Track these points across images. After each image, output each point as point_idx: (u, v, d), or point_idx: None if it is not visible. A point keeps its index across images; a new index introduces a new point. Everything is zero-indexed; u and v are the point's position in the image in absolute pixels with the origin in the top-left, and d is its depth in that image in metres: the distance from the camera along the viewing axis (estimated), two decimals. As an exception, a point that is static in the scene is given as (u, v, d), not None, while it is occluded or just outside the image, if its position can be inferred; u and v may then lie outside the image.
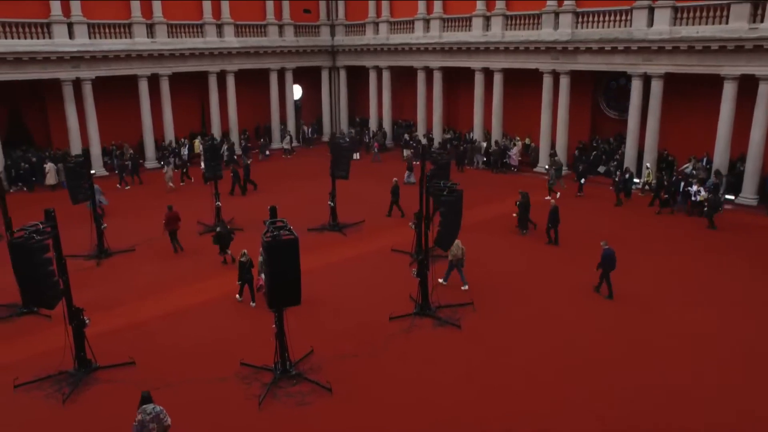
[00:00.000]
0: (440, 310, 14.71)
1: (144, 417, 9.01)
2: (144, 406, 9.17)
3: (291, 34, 36.76)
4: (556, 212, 19.06)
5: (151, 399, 9.50)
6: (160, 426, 9.05)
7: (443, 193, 13.52)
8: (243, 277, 15.13)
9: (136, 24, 30.47)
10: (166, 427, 9.13)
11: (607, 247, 15.22)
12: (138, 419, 9.02)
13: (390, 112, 37.04)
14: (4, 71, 26.88)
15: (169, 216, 18.92)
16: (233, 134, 35.53)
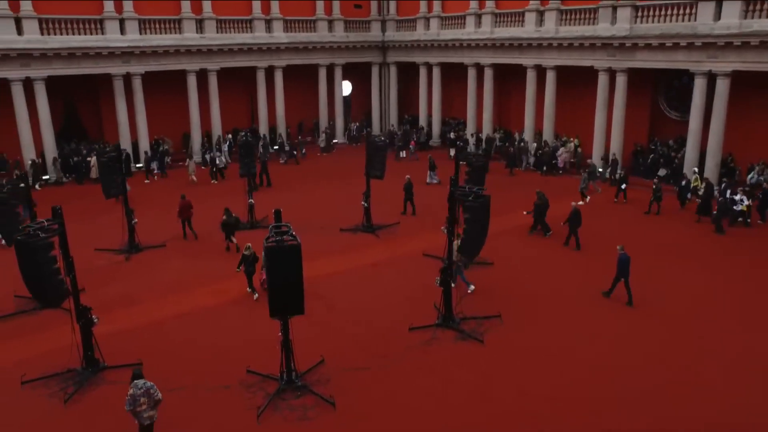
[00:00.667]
0: (465, 322, 13.82)
1: (135, 391, 9.29)
2: (135, 381, 9.37)
3: (341, 29, 36.33)
4: (577, 215, 18.25)
5: (142, 375, 9.55)
6: (151, 400, 9.36)
7: (468, 198, 12.62)
8: (246, 269, 15.23)
9: (185, 20, 30.72)
10: (156, 401, 9.43)
11: (623, 252, 14.53)
12: (129, 393, 9.30)
13: (440, 110, 36.09)
14: (58, 66, 27.60)
15: (182, 205, 19.38)
16: (281, 130, 35.46)
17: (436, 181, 26.42)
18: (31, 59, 26.75)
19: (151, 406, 9.38)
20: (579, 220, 18.27)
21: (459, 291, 15.09)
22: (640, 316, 14.17)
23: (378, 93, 39.19)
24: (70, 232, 20.33)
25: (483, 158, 17.42)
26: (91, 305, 14.85)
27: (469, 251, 13.00)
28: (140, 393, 9.29)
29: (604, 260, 16.41)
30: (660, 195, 21.77)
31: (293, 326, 13.27)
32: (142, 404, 9.30)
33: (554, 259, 17.93)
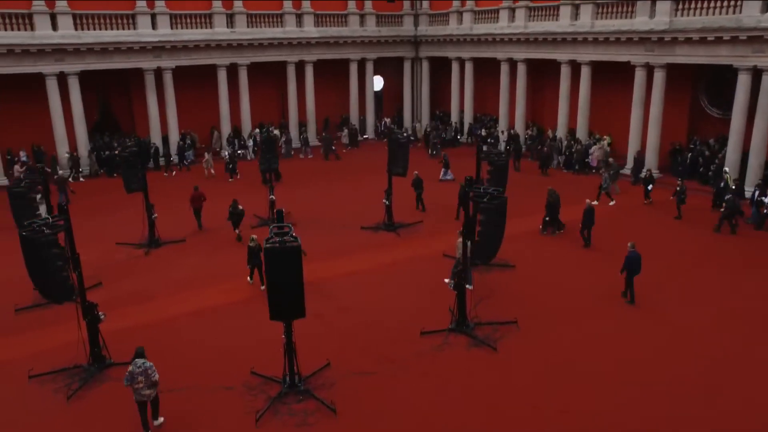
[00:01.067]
0: (479, 328, 13.31)
1: (134, 369, 9.83)
2: (135, 360, 9.91)
3: (372, 23, 35.93)
4: (590, 213, 17.84)
5: (144, 355, 10.03)
6: (148, 380, 9.83)
7: (483, 199, 12.10)
8: (251, 261, 15.40)
9: (216, 14, 30.80)
10: (153, 382, 9.90)
11: (633, 249, 14.23)
12: (129, 370, 9.86)
13: (472, 106, 35.33)
14: (91, 61, 28.01)
15: (193, 195, 20.34)
16: (310, 125, 35.34)
17: (450, 178, 26.11)
18: (66, 54, 27.21)
19: (148, 385, 9.84)
20: (592, 218, 17.85)
21: (475, 294, 14.59)
22: (660, 324, 13.45)
23: (410, 88, 38.67)
24: (97, 225, 20.84)
25: (505, 157, 16.77)
26: (105, 300, 15.04)
27: (483, 255, 12.48)
28: (138, 372, 9.77)
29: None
30: (683, 197, 20.64)
31: (303, 327, 13.08)
32: (139, 382, 9.78)
33: (574, 261, 17.25)
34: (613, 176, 23.58)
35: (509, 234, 18.89)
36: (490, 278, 16.09)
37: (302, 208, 22.27)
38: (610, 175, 23.23)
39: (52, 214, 11.34)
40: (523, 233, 19.28)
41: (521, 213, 20.28)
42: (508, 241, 18.20)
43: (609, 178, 22.84)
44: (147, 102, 30.19)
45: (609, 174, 23.07)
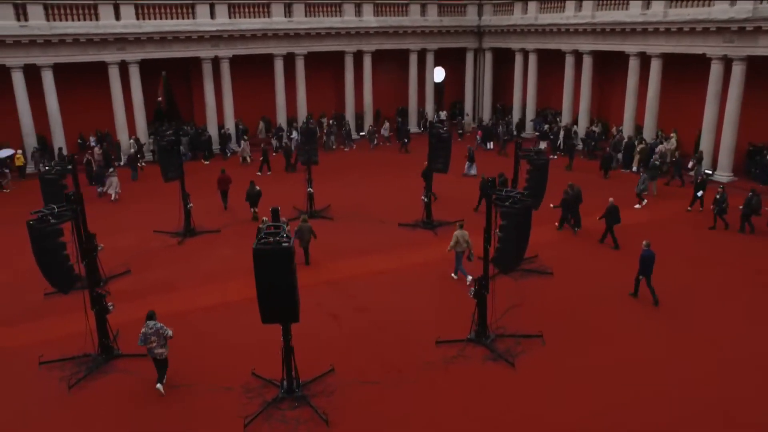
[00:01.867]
0: (501, 340, 12.39)
1: (146, 330, 10.60)
2: (147, 322, 10.64)
3: (434, 13, 34.90)
4: (614, 211, 17.13)
5: (155, 317, 10.77)
6: (160, 339, 10.62)
7: (505, 203, 11.14)
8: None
9: (274, 3, 30.74)
10: (167, 338, 10.69)
11: (648, 248, 13.75)
12: (142, 331, 10.63)
13: (534, 100, 33.74)
14: (151, 50, 28.64)
15: (220, 178, 21.29)
16: (367, 116, 34.87)
17: (474, 173, 25.17)
18: (126, 43, 27.93)
19: (161, 344, 10.64)
20: (616, 216, 17.05)
21: (506, 302, 13.66)
22: (692, 339, 12.05)
23: (472, 81, 37.43)
24: (143, 211, 21.04)
25: (545, 156, 15.56)
26: (130, 288, 15.23)
27: (503, 263, 11.52)
28: (151, 332, 10.58)
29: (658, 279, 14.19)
30: (723, 207, 18.55)
31: (315, 326, 12.90)
32: (152, 342, 10.59)
33: (615, 269, 15.79)
34: (652, 175, 22.15)
35: (551, 239, 18.10)
36: (525, 285, 15.09)
37: (342, 201, 21.88)
38: (650, 174, 21.90)
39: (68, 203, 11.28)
40: (566, 239, 18.10)
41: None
42: (549, 246, 17.41)
43: (647, 179, 21.39)
44: (204, 90, 30.60)
45: (647, 175, 21.56)
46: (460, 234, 14.76)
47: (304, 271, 16.03)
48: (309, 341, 12.50)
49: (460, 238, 14.73)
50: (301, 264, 17.02)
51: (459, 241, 14.75)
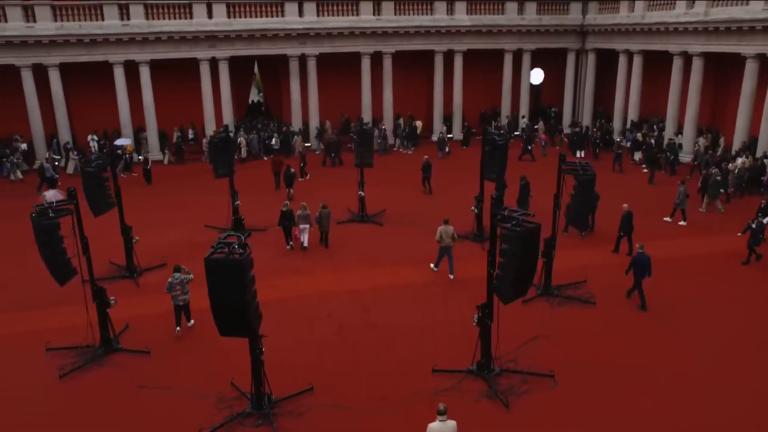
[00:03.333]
0: (506, 375, 11.10)
1: (172, 281, 12.43)
2: (174, 273, 12.53)
3: (533, 11, 32.96)
4: (628, 219, 16.47)
5: (180, 269, 12.60)
6: (184, 287, 12.56)
7: (508, 224, 9.87)
8: (281, 222, 17.40)
9: (363, 1, 30.49)
10: (189, 280, 12.66)
11: (642, 251, 13.67)
12: (168, 281, 12.48)
13: (637, 106, 30.82)
14: (240, 47, 29.53)
15: (273, 160, 24.10)
16: (456, 118, 33.75)
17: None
18: (217, 41, 28.97)
19: (184, 291, 12.53)
20: (630, 224, 16.25)
21: (527, 332, 12.32)
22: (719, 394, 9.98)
23: (572, 84, 34.99)
24: (210, 204, 21.35)
25: (592, 170, 13.74)
26: (156, 282, 15.47)
27: (503, 291, 10.22)
28: (176, 282, 12.40)
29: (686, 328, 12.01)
30: (759, 238, 15.80)
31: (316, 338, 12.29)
32: (177, 290, 12.42)
33: (665, 304, 13.73)
34: (713, 190, 20.09)
35: (604, 263, 16.15)
36: (560, 314, 13.57)
37: (396, 206, 21.15)
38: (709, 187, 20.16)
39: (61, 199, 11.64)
40: (622, 264, 16.13)
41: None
42: (601, 271, 15.55)
43: (685, 193, 19.29)
44: (290, 88, 31.06)
45: (684, 188, 19.32)
46: (443, 229, 15.17)
47: (328, 278, 15.76)
48: (302, 353, 12.11)
49: (443, 234, 15.14)
50: (322, 260, 16.91)
51: (442, 236, 15.14)
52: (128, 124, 29.09)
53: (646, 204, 20.44)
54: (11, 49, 26.50)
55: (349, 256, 17.15)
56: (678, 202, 19.23)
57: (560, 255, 16.17)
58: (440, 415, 8.19)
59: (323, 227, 17.71)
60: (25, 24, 26.47)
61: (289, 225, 17.50)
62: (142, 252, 16.95)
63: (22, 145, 28.13)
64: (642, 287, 13.69)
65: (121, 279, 15.62)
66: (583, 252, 17.33)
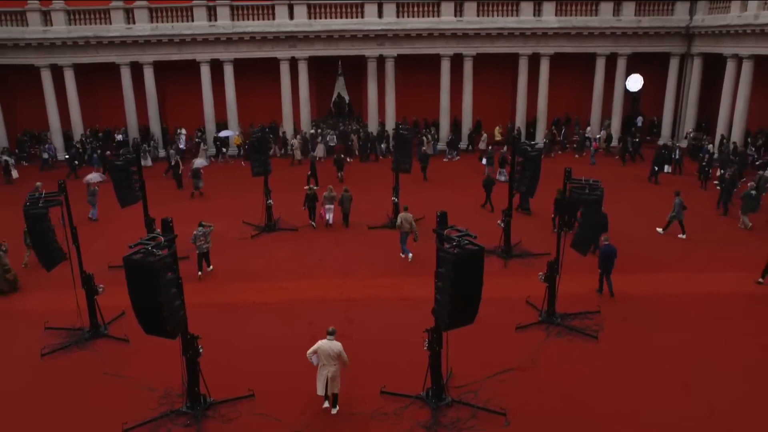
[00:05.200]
0: (457, 407, 10.33)
1: (197, 233, 15.43)
2: (198, 227, 15.50)
3: (630, 12, 30.40)
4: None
5: (204, 224, 15.48)
6: (206, 238, 15.62)
7: (449, 251, 9.16)
8: (305, 203, 19.64)
9: (444, 2, 29.84)
10: (210, 231, 15.81)
11: (608, 243, 14.09)
12: (194, 233, 15.40)
13: (744, 117, 27.40)
14: (319, 47, 30.15)
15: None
16: (540, 123, 32.07)
17: (503, 179, 24.29)
18: (297, 41, 29.77)
19: (206, 241, 15.60)
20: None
21: (505, 362, 11.45)
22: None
23: (674, 91, 31.81)
24: (249, 201, 21.99)
25: (600, 189, 12.23)
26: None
27: (442, 318, 9.48)
28: (200, 234, 15.49)
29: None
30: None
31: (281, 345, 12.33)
32: (200, 240, 15.48)
33: (678, 346, 11.97)
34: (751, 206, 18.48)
35: (631, 294, 14.55)
36: (553, 346, 12.43)
37: (432, 213, 20.47)
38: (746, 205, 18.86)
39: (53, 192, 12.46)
40: (656, 294, 14.48)
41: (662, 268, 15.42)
42: (624, 302, 13.99)
43: (680, 204, 18.28)
44: (367, 88, 31.19)
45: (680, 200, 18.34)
46: (403, 216, 16.62)
47: (332, 284, 15.57)
48: (264, 359, 12.06)
49: (403, 220, 16.56)
50: (334, 266, 16.73)
51: (402, 222, 16.56)
52: (212, 119, 30.74)
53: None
54: (113, 48, 29.05)
55: (362, 264, 16.86)
56: (674, 214, 18.37)
57: (581, 279, 14.95)
58: (329, 335, 10.15)
59: (345, 208, 19.64)
60: (125, 26, 28.86)
61: (313, 205, 19.71)
62: (175, 243, 17.84)
63: (118, 136, 30.71)
64: (610, 277, 14.27)
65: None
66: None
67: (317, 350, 10.01)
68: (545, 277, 13.11)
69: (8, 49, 28.77)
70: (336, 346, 10.07)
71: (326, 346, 10.06)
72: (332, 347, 10.06)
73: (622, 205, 20.49)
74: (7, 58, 29.11)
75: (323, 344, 10.06)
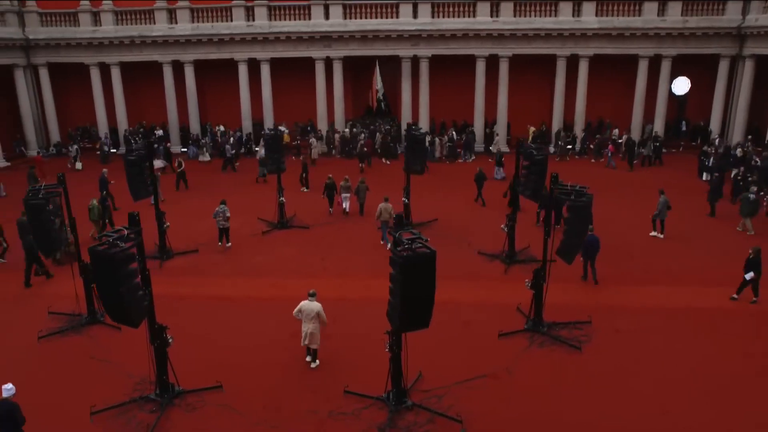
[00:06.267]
0: (417, 411, 10.26)
1: (218, 210, 17.55)
2: (220, 205, 17.57)
3: (677, 11, 29.16)
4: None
5: (226, 203, 17.63)
6: (224, 217, 17.56)
7: (397, 250, 9.14)
8: (325, 192, 21.06)
9: (480, 2, 29.52)
10: (227, 217, 17.61)
11: (591, 233, 14.62)
12: (215, 210, 17.63)
13: (794, 124, 25.87)
14: (354, 47, 30.49)
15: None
16: (578, 126, 31.24)
17: (501, 177, 25.82)
18: (332, 41, 30.14)
19: (225, 218, 17.60)
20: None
21: (472, 368, 11.27)
22: None
23: (723, 95, 30.28)
24: (270, 198, 22.41)
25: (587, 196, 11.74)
26: (179, 265, 16.78)
27: (393, 321, 9.45)
28: (220, 212, 17.46)
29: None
30: None
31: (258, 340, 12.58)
32: (219, 217, 17.51)
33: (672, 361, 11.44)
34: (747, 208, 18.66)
35: (628, 305, 14.06)
36: (533, 356, 12.12)
37: (447, 216, 20.41)
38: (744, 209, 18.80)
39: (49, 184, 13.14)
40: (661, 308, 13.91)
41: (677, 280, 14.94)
42: (622, 312, 13.51)
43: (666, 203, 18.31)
44: (401, 88, 31.23)
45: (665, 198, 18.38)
46: (383, 206, 17.71)
47: (329, 284, 15.58)
48: (241, 353, 12.29)
49: (383, 210, 17.68)
50: (337, 266, 16.85)
51: (382, 212, 17.69)
52: (248, 117, 31.55)
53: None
54: (156, 47, 30.33)
55: (364, 264, 16.90)
56: (656, 213, 18.55)
57: (576, 288, 14.63)
58: (310, 297, 11.35)
59: (360, 198, 20.95)
60: (168, 25, 30.03)
61: (331, 194, 21.17)
62: (187, 237, 18.56)
63: (158, 131, 31.97)
64: (594, 265, 15.12)
65: (151, 259, 17.10)
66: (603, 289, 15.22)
67: (300, 309, 11.38)
68: (531, 285, 12.83)
69: (62, 48, 30.54)
70: (315, 306, 11.24)
71: (306, 306, 11.33)
72: (311, 307, 11.26)
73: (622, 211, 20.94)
74: (61, 57, 30.89)
75: (304, 304, 11.35)
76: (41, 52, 30.79)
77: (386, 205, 17.73)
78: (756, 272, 13.84)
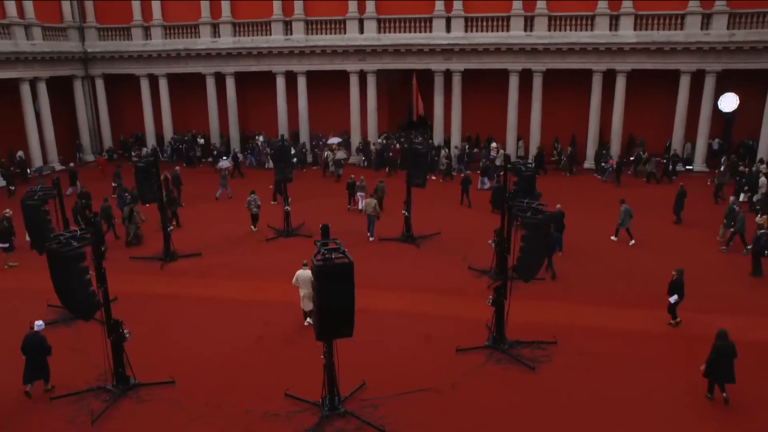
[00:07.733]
0: (347, 418, 10.50)
1: (250, 199, 20.45)
2: (251, 194, 20.56)
3: (722, 25, 27.81)
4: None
5: (255, 193, 20.72)
6: (255, 204, 20.48)
7: (317, 259, 9.45)
8: (348, 189, 23.54)
9: (514, 17, 29.34)
10: (258, 205, 20.57)
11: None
12: (247, 200, 20.56)
13: None
14: (387, 61, 30.99)
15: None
16: (614, 144, 30.33)
17: (488, 187, 26.39)
18: (366, 54, 30.78)
19: (256, 206, 20.42)
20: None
21: (419, 380, 11.38)
22: None
23: (766, 112, 28.59)
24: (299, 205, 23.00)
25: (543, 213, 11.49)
26: (181, 268, 17.86)
27: (315, 329, 9.72)
28: (251, 200, 20.40)
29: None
30: None
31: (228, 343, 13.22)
32: (251, 205, 20.40)
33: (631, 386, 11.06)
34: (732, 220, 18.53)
35: (597, 325, 13.83)
36: (484, 373, 12.04)
37: (450, 229, 20.45)
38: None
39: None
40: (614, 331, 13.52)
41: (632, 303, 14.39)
42: (590, 335, 13.25)
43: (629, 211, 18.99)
44: (434, 102, 31.44)
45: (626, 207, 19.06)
46: (368, 202, 19.97)
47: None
48: (207, 351, 12.87)
49: (367, 205, 19.88)
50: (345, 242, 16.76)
51: (366, 207, 19.90)
52: (285, 127, 32.60)
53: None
54: (200, 59, 31.99)
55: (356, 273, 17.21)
56: (619, 222, 19.13)
57: (552, 306, 14.48)
58: (304, 266, 13.48)
59: (378, 196, 21.97)
60: (211, 39, 31.64)
61: (352, 192, 23.49)
62: (197, 241, 19.53)
63: (200, 140, 33.60)
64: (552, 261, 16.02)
65: (156, 260, 18.15)
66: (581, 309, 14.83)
67: (297, 277, 13.51)
68: (492, 302, 12.76)
69: (115, 60, 32.79)
70: (308, 274, 12.80)
71: (301, 274, 13.45)
72: (306, 274, 13.17)
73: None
74: (114, 68, 33.17)
75: (300, 272, 13.55)
76: (98, 64, 33.20)
77: (371, 200, 19.96)
78: (679, 295, 13.32)
